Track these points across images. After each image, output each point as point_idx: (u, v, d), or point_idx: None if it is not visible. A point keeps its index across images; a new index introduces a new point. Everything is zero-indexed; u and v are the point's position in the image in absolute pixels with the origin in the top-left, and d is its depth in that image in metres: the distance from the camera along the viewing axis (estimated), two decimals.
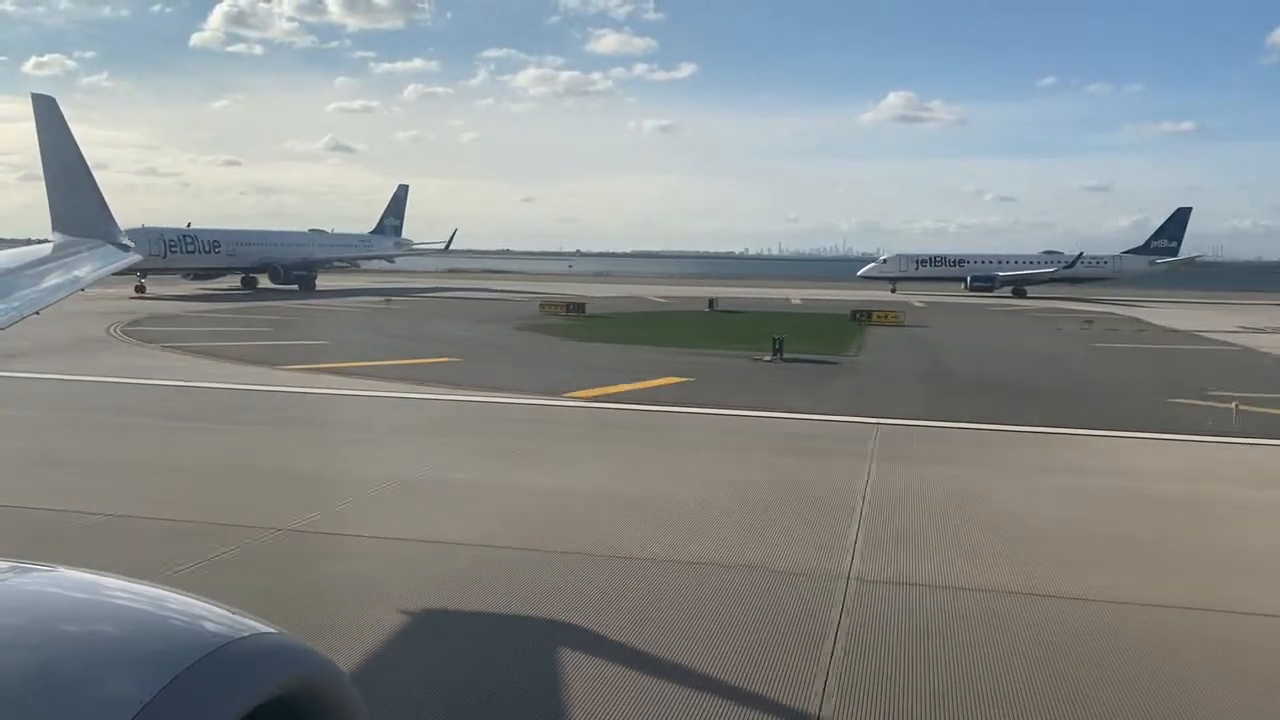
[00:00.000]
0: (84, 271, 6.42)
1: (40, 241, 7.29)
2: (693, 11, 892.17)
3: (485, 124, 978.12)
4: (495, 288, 59.97)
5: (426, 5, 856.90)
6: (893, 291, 59.23)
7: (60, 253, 6.64)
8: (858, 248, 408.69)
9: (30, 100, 7.56)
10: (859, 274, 64.53)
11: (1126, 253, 65.70)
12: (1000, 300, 55.21)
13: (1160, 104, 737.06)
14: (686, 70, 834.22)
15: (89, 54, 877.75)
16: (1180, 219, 65.41)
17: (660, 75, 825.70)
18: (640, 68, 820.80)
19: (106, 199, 7.87)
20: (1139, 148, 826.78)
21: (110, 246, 7.23)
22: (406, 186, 74.35)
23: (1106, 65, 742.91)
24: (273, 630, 1.58)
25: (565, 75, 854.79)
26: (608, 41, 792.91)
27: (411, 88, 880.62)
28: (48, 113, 7.56)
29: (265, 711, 1.46)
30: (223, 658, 1.45)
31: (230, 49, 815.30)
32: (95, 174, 7.90)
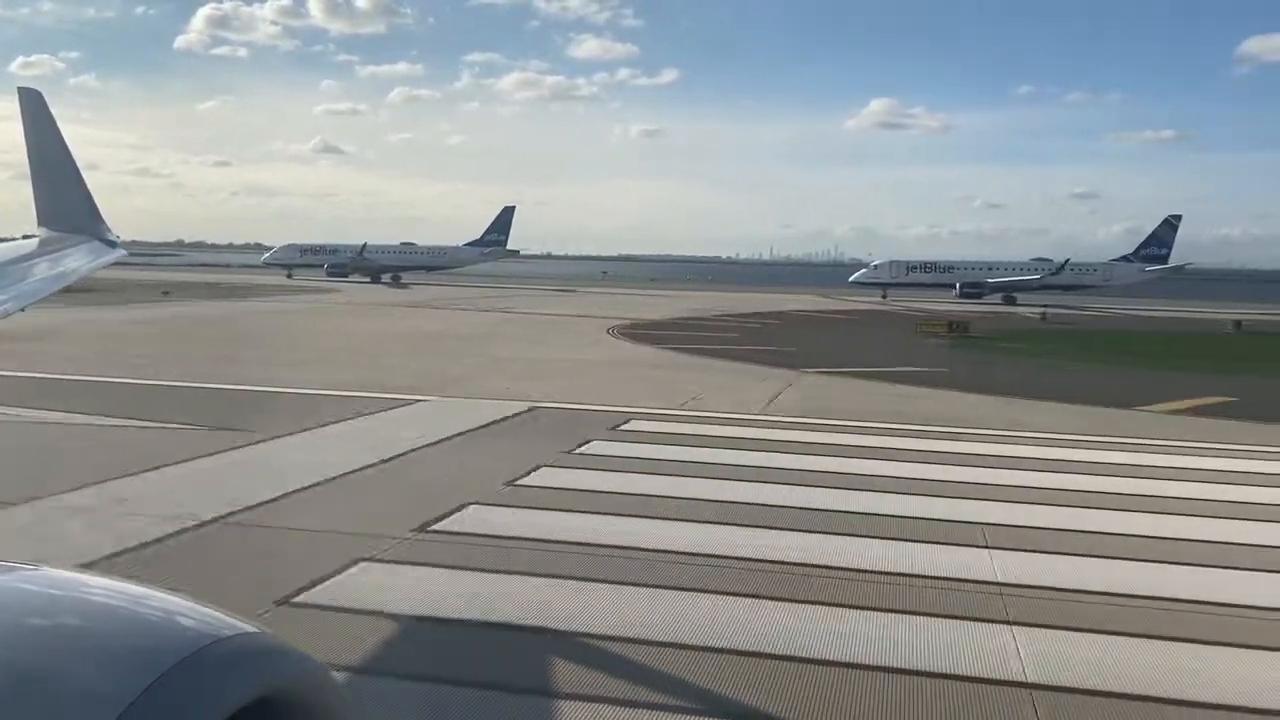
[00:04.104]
0: (70, 267, 6.37)
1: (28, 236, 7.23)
2: (671, 18, 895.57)
3: (473, 127, 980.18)
4: None
5: (408, 10, 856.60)
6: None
7: (46, 248, 6.59)
8: (850, 253, 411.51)
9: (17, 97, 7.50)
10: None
11: (463, 245, 79.83)
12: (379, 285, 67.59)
13: (1140, 113, 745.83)
14: (669, 76, 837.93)
15: (74, 54, 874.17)
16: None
17: (643, 80, 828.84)
18: (623, 73, 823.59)
19: (102, 199, 7.81)
20: (1124, 156, 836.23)
21: (97, 242, 7.17)
22: None
23: (1083, 74, 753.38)
24: (258, 630, 1.56)
25: (549, 80, 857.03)
26: (589, 46, 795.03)
27: (397, 91, 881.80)
28: (34, 107, 7.50)
29: (251, 712, 1.44)
30: (207, 657, 1.43)
31: (215, 51, 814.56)
32: (88, 174, 7.85)
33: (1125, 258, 68.37)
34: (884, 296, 61.73)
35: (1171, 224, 68.44)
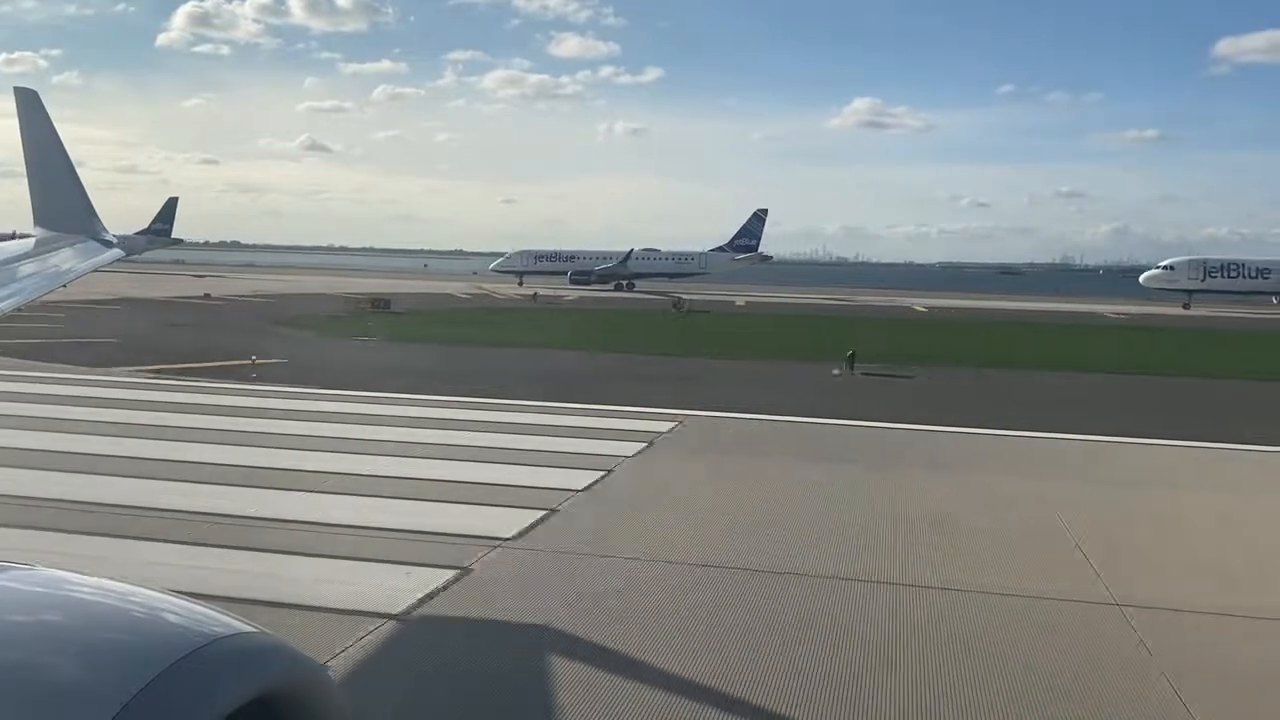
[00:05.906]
0: (67, 267, 6.35)
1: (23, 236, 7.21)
2: (652, 17, 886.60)
3: (459, 125, 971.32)
4: None
5: (388, 9, 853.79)
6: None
7: (42, 248, 6.56)
8: (838, 252, 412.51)
9: (13, 95, 7.48)
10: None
11: (134, 234, 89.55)
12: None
13: (1122, 113, 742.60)
14: (652, 75, 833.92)
15: (56, 52, 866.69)
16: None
17: (626, 79, 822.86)
18: (606, 71, 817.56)
19: (89, 196, 7.76)
20: (1108, 155, 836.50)
21: (93, 242, 7.14)
22: None
23: (1063, 74, 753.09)
24: (255, 630, 1.57)
25: (533, 78, 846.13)
26: (570, 45, 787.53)
27: (381, 88, 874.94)
28: (30, 106, 7.46)
29: (248, 711, 1.45)
30: (205, 657, 1.44)
31: (197, 49, 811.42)
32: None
33: (721, 248, 76.30)
34: (520, 283, 67.89)
35: (760, 217, 76.45)
